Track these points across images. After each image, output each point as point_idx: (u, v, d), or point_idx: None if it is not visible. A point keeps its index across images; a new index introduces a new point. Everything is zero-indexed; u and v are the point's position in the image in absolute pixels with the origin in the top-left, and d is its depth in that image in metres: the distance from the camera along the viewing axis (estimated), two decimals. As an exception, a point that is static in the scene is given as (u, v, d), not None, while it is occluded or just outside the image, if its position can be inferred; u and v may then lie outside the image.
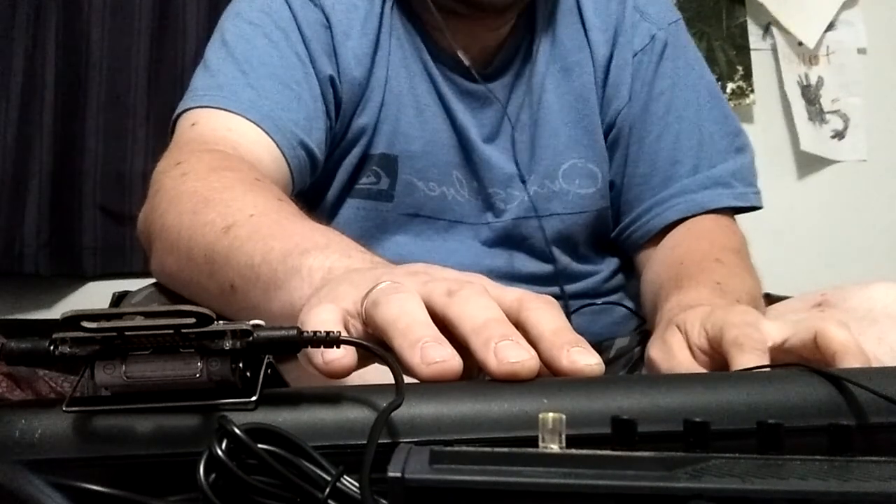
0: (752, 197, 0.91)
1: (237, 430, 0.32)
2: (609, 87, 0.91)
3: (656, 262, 0.87)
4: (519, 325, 0.41)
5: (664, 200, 0.89)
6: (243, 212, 0.62)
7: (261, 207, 0.63)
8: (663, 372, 0.58)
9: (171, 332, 0.34)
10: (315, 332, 0.37)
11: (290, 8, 0.85)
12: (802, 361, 0.51)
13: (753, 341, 0.52)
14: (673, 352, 0.59)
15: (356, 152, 0.88)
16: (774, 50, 2.12)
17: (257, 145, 0.78)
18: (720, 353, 0.55)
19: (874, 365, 0.50)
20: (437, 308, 0.42)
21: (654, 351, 0.61)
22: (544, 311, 0.42)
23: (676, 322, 0.61)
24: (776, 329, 0.54)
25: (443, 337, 0.40)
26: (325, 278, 0.50)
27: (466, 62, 0.87)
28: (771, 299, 0.77)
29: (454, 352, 0.39)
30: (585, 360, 0.40)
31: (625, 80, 0.91)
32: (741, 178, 0.90)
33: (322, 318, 0.42)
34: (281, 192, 0.70)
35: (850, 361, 0.48)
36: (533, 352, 0.39)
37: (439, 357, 0.38)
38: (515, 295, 0.44)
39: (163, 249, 0.70)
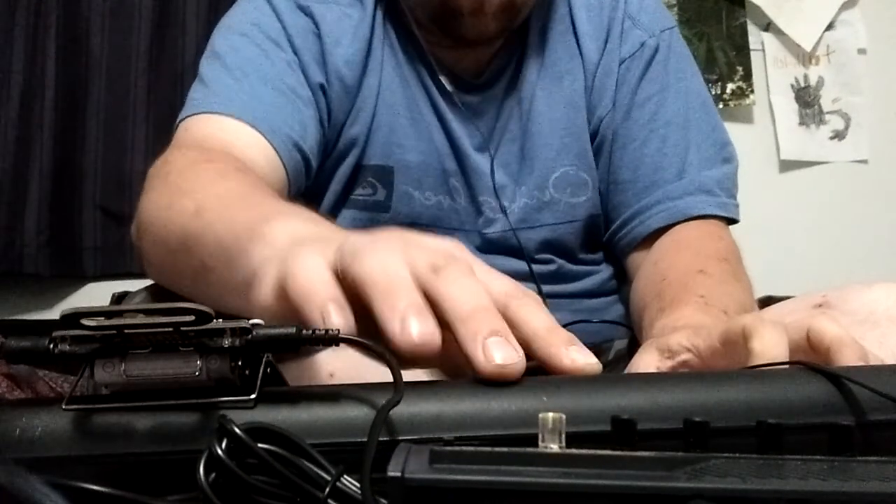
0: (732, 209, 0.90)
1: (237, 430, 0.32)
2: (594, 95, 0.91)
3: (641, 277, 0.86)
4: (505, 319, 0.40)
5: (648, 207, 0.89)
6: (216, 195, 0.61)
7: (234, 190, 0.62)
8: None
9: (170, 329, 0.34)
10: (314, 331, 0.37)
11: (279, 18, 0.86)
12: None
13: None
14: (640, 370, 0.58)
15: (349, 162, 0.88)
16: (779, 50, 2.12)
17: (252, 148, 0.77)
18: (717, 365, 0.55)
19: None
20: (420, 282, 0.40)
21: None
22: (534, 309, 0.42)
23: (657, 346, 0.60)
24: None
25: (426, 307, 0.38)
26: (290, 243, 0.47)
27: (449, 87, 0.88)
28: (773, 301, 0.76)
29: (436, 329, 0.38)
30: (585, 359, 0.40)
31: (609, 88, 0.91)
32: (724, 187, 0.89)
33: (309, 264, 0.40)
34: (260, 177, 0.69)
35: (846, 353, 0.47)
36: (521, 352, 0.38)
37: (419, 333, 0.37)
38: (502, 287, 0.42)
39: (147, 247, 0.69)
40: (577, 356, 0.40)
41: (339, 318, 0.38)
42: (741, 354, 0.50)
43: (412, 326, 0.37)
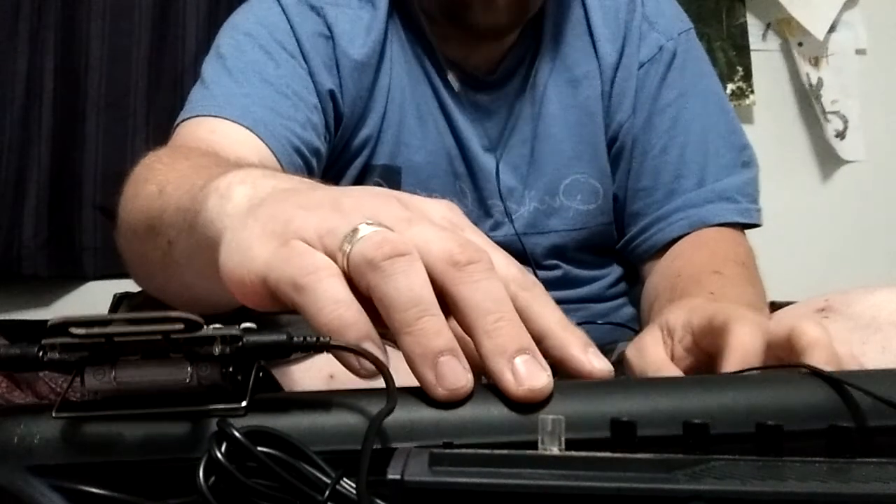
0: (755, 214, 0.90)
1: (237, 433, 0.32)
2: (613, 100, 0.90)
3: (656, 274, 0.87)
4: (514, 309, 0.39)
5: (668, 215, 0.88)
6: (178, 173, 0.58)
7: (197, 164, 0.59)
8: (636, 371, 0.57)
9: (159, 338, 0.34)
10: (305, 337, 0.36)
11: (288, 20, 0.84)
12: (783, 361, 0.52)
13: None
14: (647, 350, 0.58)
15: (358, 163, 0.87)
16: (780, 50, 2.12)
17: (244, 146, 0.75)
18: (705, 346, 0.55)
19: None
20: (439, 279, 0.38)
21: (630, 350, 0.61)
22: (544, 302, 0.41)
23: (659, 322, 0.61)
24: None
25: (457, 346, 0.37)
26: (251, 195, 0.44)
27: (456, 86, 0.87)
28: (774, 306, 0.76)
29: (470, 375, 0.36)
30: (603, 364, 0.40)
31: (629, 93, 0.90)
32: (745, 193, 0.89)
33: (330, 294, 0.37)
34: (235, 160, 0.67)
35: (817, 354, 0.48)
36: (549, 370, 0.37)
37: (453, 387, 0.36)
38: (508, 272, 0.41)
39: (123, 246, 0.67)
40: (596, 361, 0.40)
41: (379, 355, 0.36)
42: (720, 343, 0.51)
43: (447, 379, 0.36)
